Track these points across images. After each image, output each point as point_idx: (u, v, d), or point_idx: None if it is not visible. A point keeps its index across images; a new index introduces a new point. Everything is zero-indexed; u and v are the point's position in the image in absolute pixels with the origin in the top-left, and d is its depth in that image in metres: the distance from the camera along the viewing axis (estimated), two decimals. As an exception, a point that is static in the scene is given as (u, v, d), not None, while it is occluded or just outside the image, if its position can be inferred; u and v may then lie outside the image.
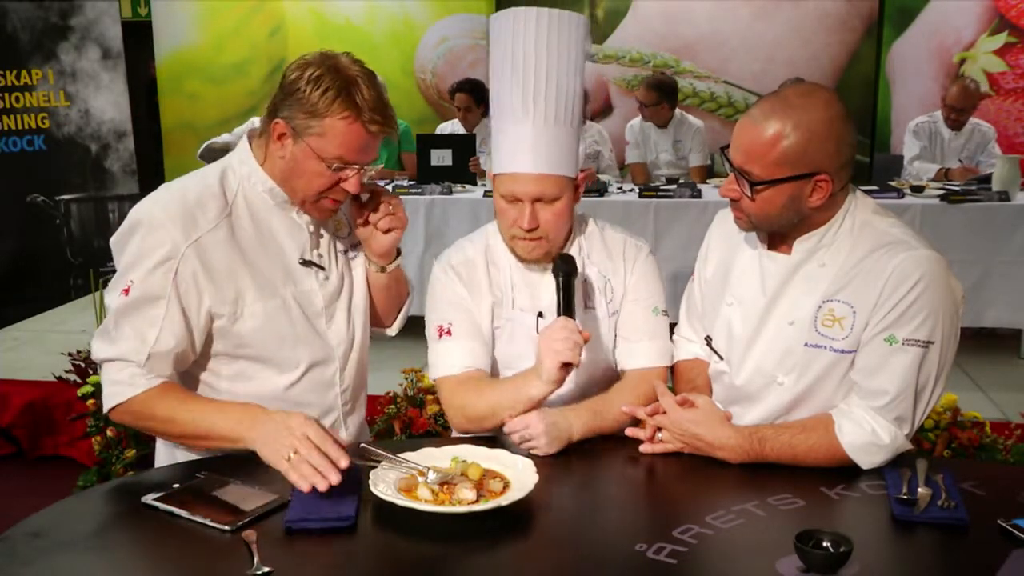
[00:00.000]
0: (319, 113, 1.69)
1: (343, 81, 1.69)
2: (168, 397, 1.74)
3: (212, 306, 1.75)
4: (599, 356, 1.99)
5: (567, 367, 1.76)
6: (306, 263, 1.86)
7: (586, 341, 1.77)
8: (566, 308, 1.81)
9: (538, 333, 1.92)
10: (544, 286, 1.95)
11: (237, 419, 1.70)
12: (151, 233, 1.71)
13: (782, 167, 1.68)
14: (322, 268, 1.88)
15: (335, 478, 1.53)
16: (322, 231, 1.90)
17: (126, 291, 1.71)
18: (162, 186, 1.83)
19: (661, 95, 5.65)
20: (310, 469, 1.55)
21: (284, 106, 1.73)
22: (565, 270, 1.85)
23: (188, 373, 1.82)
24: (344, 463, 1.56)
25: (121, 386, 1.73)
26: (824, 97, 1.71)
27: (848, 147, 1.73)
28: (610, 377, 2.00)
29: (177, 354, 1.75)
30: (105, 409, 1.77)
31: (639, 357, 1.97)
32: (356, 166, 1.75)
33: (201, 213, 1.74)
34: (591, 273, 1.99)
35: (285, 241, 1.84)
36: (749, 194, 1.72)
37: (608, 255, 2.01)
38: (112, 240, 1.77)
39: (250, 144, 1.83)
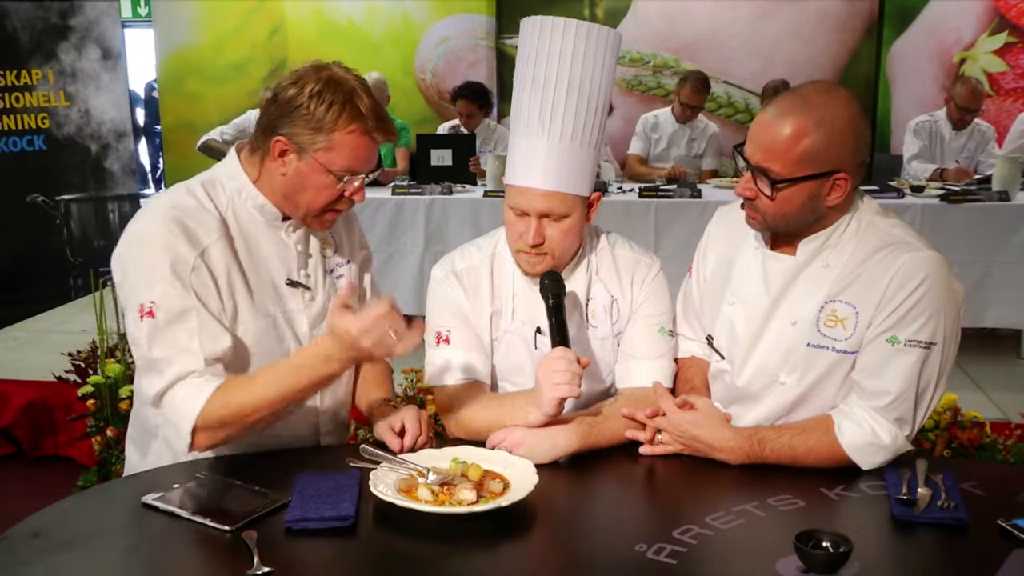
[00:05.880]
0: (326, 128, 1.68)
1: (345, 93, 1.68)
2: (232, 391, 1.66)
3: (217, 315, 1.73)
4: (600, 377, 1.97)
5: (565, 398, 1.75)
6: (293, 283, 1.84)
7: (584, 367, 1.74)
8: (559, 332, 1.78)
9: (536, 348, 1.92)
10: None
11: (319, 358, 1.67)
12: (158, 249, 1.67)
13: (803, 165, 1.68)
14: (308, 288, 1.86)
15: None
16: (310, 251, 1.88)
17: (151, 313, 1.66)
18: (151, 202, 1.79)
19: (706, 96, 5.76)
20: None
21: (284, 123, 1.70)
22: (554, 291, 1.82)
23: None
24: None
25: (188, 403, 1.65)
26: (843, 95, 1.71)
27: (865, 146, 1.73)
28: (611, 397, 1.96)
29: (227, 357, 1.71)
30: (184, 441, 1.66)
31: (640, 376, 1.93)
32: (362, 175, 1.75)
33: (200, 227, 1.72)
34: (597, 291, 1.96)
35: (273, 260, 1.82)
36: (769, 193, 1.71)
37: (617, 274, 1.98)
38: (114, 260, 1.72)
39: (239, 158, 1.81)
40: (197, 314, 1.68)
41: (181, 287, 1.67)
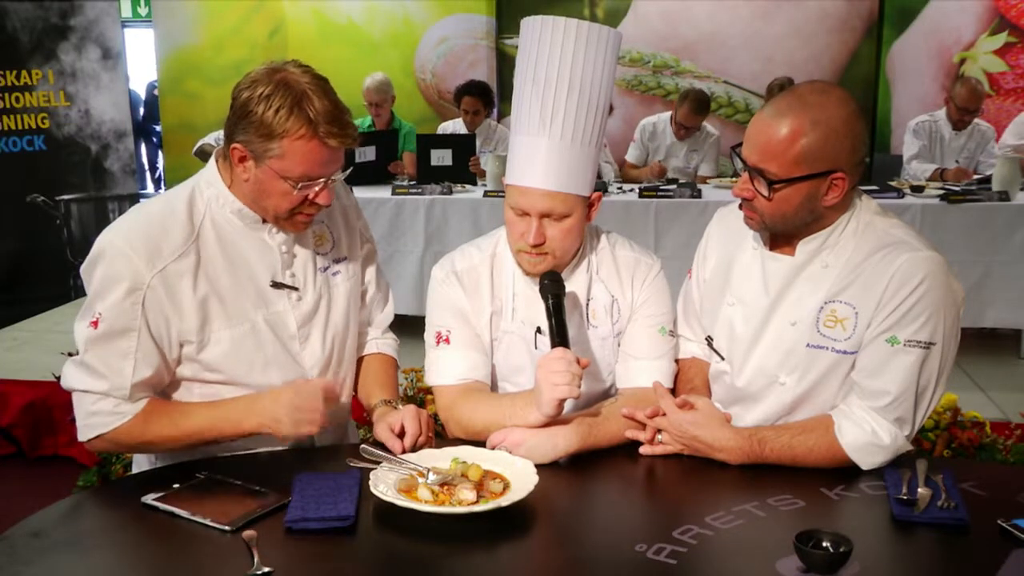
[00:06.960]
0: (275, 134, 1.64)
1: (294, 97, 1.63)
2: (155, 419, 1.74)
3: (180, 333, 1.74)
4: (600, 378, 1.97)
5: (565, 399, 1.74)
6: (277, 285, 1.82)
7: (584, 367, 1.74)
8: (559, 332, 1.77)
9: (536, 348, 1.92)
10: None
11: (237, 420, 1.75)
12: (115, 263, 1.69)
13: (800, 165, 1.68)
14: (295, 289, 1.84)
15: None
16: (296, 250, 1.86)
17: (95, 323, 1.70)
18: (131, 209, 1.82)
19: (704, 117, 5.70)
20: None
21: (239, 130, 1.68)
22: (554, 291, 1.81)
23: (162, 394, 1.81)
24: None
25: (102, 416, 1.73)
26: (839, 94, 1.71)
27: (863, 145, 1.73)
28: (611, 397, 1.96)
29: (155, 381, 1.75)
30: (82, 439, 1.76)
31: (640, 376, 1.93)
32: (323, 180, 1.72)
33: (165, 241, 1.71)
34: (597, 291, 1.96)
35: (255, 263, 1.80)
36: (766, 193, 1.71)
37: (617, 274, 1.97)
38: (82, 268, 1.75)
39: (217, 164, 1.80)
40: (138, 336, 1.70)
41: (129, 306, 1.69)
